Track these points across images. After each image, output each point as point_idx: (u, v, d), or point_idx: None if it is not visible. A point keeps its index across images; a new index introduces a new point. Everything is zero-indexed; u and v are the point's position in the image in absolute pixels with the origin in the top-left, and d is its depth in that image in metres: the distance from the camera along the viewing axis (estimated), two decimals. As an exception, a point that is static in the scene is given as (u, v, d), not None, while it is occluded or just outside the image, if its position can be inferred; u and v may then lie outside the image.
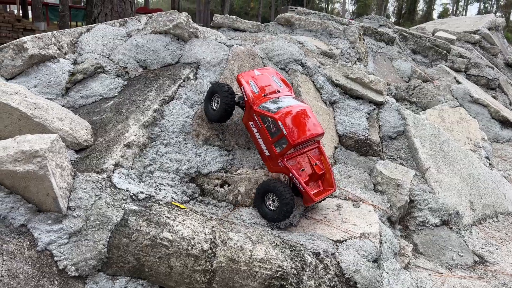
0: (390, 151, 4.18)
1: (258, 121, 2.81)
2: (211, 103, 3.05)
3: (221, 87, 2.93)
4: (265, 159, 2.90)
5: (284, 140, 2.68)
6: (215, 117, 3.00)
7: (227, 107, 2.90)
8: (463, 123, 5.17)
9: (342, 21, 7.22)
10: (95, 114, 3.06)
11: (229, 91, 2.91)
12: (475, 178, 4.27)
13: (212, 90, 3.03)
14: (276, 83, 3.06)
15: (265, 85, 2.97)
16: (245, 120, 2.93)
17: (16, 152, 2.02)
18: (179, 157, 2.88)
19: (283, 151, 2.71)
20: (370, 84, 4.30)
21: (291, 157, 2.79)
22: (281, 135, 2.68)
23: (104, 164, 2.48)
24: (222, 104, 2.90)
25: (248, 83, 2.91)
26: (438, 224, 3.70)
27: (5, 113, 2.43)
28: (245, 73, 3.02)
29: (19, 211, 2.09)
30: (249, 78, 2.96)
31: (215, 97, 3.01)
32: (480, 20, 11.78)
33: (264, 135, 2.80)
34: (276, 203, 2.74)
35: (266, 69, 3.16)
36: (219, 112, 2.95)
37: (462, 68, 7.95)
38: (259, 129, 2.82)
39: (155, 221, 2.27)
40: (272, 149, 2.76)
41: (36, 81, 3.17)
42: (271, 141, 2.76)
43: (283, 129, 2.66)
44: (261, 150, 2.89)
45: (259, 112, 2.79)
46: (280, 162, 2.77)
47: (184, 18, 3.56)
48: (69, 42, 3.52)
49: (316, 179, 2.90)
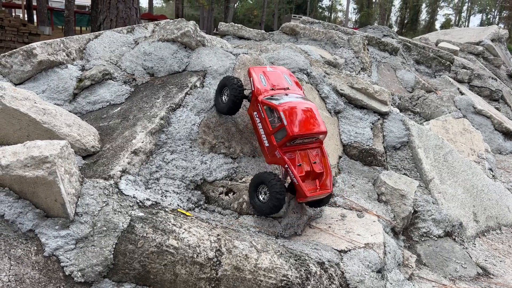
0: (394, 161, 4.19)
1: (262, 111, 2.84)
2: (221, 96, 3.10)
3: (231, 79, 2.99)
4: (264, 150, 2.91)
5: (284, 130, 2.68)
6: (224, 109, 3.06)
7: (236, 98, 2.95)
8: (467, 134, 5.19)
9: (347, 31, 7.27)
10: (102, 121, 3.09)
11: (238, 83, 2.97)
12: (478, 189, 4.27)
13: (222, 83, 3.09)
14: (287, 81, 3.08)
15: (275, 81, 3.01)
16: (250, 110, 2.97)
17: (26, 157, 2.03)
18: (185, 165, 2.89)
19: (281, 142, 2.71)
20: (375, 94, 4.33)
21: (290, 150, 2.77)
22: (281, 125, 2.69)
23: (111, 170, 2.49)
24: (231, 96, 2.96)
25: (258, 76, 2.97)
26: (441, 235, 3.70)
27: (14, 118, 2.46)
28: (257, 67, 3.08)
29: (27, 216, 2.11)
30: (260, 72, 3.01)
31: (225, 90, 3.07)
32: (483, 32, 11.83)
33: (265, 125, 2.82)
34: (267, 196, 2.70)
35: (279, 68, 3.20)
36: (228, 104, 3.01)
37: (465, 79, 7.98)
38: (262, 119, 2.85)
39: (161, 228, 2.28)
40: (272, 139, 2.77)
41: (44, 86, 3.20)
42: (271, 131, 2.78)
43: (284, 119, 2.67)
44: (261, 140, 2.91)
45: (263, 102, 2.82)
46: (277, 153, 2.76)
47: (191, 27, 3.60)
48: (77, 48, 3.55)
49: (314, 178, 2.84)
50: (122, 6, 10.57)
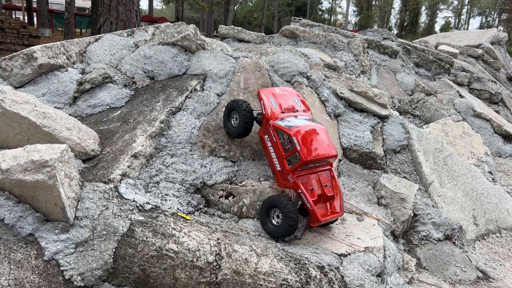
0: (394, 164, 4.19)
1: (274, 135, 2.85)
2: (230, 120, 3.12)
3: (239, 105, 3.01)
4: (276, 173, 2.91)
5: (297, 156, 2.71)
6: (235, 133, 3.08)
7: (246, 124, 2.98)
8: (466, 137, 5.19)
9: (346, 34, 7.28)
10: (102, 124, 3.09)
11: (247, 109, 2.98)
12: (478, 193, 4.28)
13: (230, 107, 3.09)
14: (296, 102, 3.11)
15: (284, 103, 3.02)
16: (261, 133, 2.99)
17: (26, 161, 2.04)
18: (185, 168, 2.90)
19: (294, 167, 2.73)
20: (375, 98, 4.33)
21: (302, 174, 2.79)
22: (294, 150, 2.71)
23: (111, 174, 2.49)
24: (241, 122, 2.98)
25: (268, 99, 2.98)
26: (441, 238, 3.70)
27: (14, 122, 2.46)
28: (266, 90, 3.10)
29: (27, 220, 2.11)
30: (270, 95, 3.03)
31: (233, 114, 3.08)
32: (482, 35, 11.85)
33: (277, 149, 2.84)
34: (280, 219, 2.73)
35: (287, 89, 3.24)
36: (239, 129, 3.03)
37: (465, 82, 7.99)
38: (274, 143, 2.87)
39: (161, 232, 2.28)
40: (284, 164, 2.79)
41: (44, 90, 3.20)
42: (283, 156, 2.79)
43: (297, 145, 2.69)
44: (272, 164, 2.91)
45: (275, 126, 2.84)
46: (290, 178, 2.77)
47: (192, 30, 3.61)
48: (77, 51, 3.56)
49: (325, 201, 2.87)
50: (122, 8, 10.58)
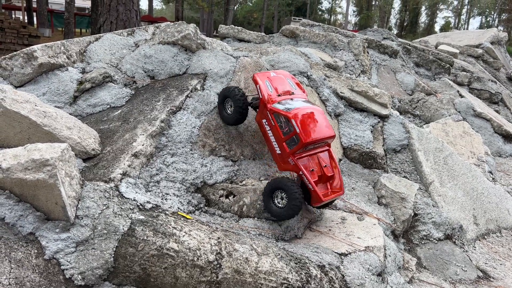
0: (394, 164, 4.19)
1: (272, 119, 2.85)
2: (224, 108, 3.12)
3: (232, 91, 3.01)
4: (276, 157, 2.92)
5: (296, 138, 2.71)
6: (231, 121, 3.09)
7: (241, 109, 2.98)
8: (467, 137, 5.19)
9: (346, 34, 7.28)
10: (103, 123, 3.09)
11: (240, 93, 2.98)
12: (478, 192, 4.28)
13: (223, 94, 3.10)
14: (291, 85, 3.11)
15: (280, 86, 3.03)
16: (258, 118, 2.98)
17: (26, 160, 2.03)
18: (186, 167, 2.89)
19: (294, 149, 2.74)
20: (375, 97, 4.33)
21: (302, 156, 2.80)
22: (293, 133, 2.72)
23: (112, 173, 2.49)
24: (236, 108, 2.98)
25: (264, 83, 2.98)
26: (441, 238, 3.70)
27: (15, 121, 2.46)
28: (261, 73, 3.09)
29: (27, 219, 2.11)
30: (265, 78, 3.02)
31: (228, 101, 3.08)
32: (482, 34, 11.85)
33: (276, 133, 2.84)
34: (284, 200, 2.72)
35: (282, 72, 3.22)
36: (234, 116, 3.04)
37: (465, 81, 7.99)
38: (272, 127, 2.86)
39: (162, 231, 2.28)
40: (284, 147, 2.79)
41: (44, 89, 3.20)
42: (283, 139, 2.79)
43: (296, 127, 2.70)
44: (272, 148, 2.92)
45: (273, 110, 2.83)
46: (290, 160, 2.78)
47: (192, 30, 3.60)
48: (77, 51, 3.56)
49: (325, 181, 2.89)
50: (122, 8, 10.58)
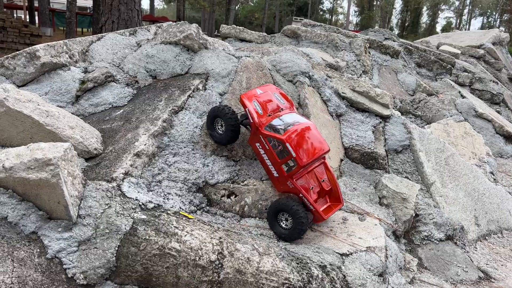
0: (396, 164, 4.19)
1: (265, 143, 2.80)
2: (215, 128, 3.04)
3: (222, 110, 2.93)
4: (273, 179, 2.90)
5: (293, 161, 2.69)
6: (223, 140, 3.02)
7: (233, 128, 2.92)
8: (468, 137, 5.19)
9: (348, 34, 7.28)
10: (105, 123, 3.09)
11: (230, 112, 2.91)
12: (480, 193, 4.27)
13: (213, 114, 3.01)
14: (279, 100, 3.05)
15: (268, 104, 2.96)
16: (251, 142, 2.92)
17: (29, 159, 2.04)
18: (187, 167, 2.90)
19: (292, 172, 2.72)
20: (377, 98, 4.33)
21: (299, 176, 2.79)
22: (289, 157, 2.69)
23: (114, 172, 2.50)
24: (228, 127, 2.92)
25: (252, 104, 2.90)
26: (443, 238, 3.70)
27: (18, 120, 2.46)
28: (247, 94, 3.01)
29: (30, 218, 2.11)
30: (253, 99, 2.95)
31: (218, 121, 3.01)
32: (484, 35, 11.84)
33: (272, 156, 2.79)
34: (289, 222, 2.73)
35: (268, 87, 3.15)
36: (226, 136, 2.97)
37: (467, 82, 7.99)
38: (266, 150, 2.82)
39: (164, 230, 2.29)
40: (281, 170, 2.76)
41: (47, 88, 3.21)
42: (279, 162, 2.76)
43: (292, 151, 2.67)
44: (269, 170, 2.88)
45: (265, 134, 2.78)
46: (289, 183, 2.77)
47: (194, 30, 3.61)
48: (80, 50, 3.56)
49: (324, 195, 2.91)
50: (124, 8, 10.59)
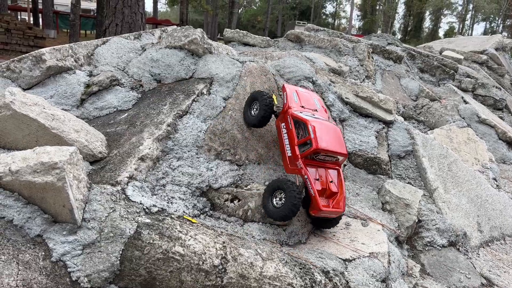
0: (399, 170, 4.19)
1: (290, 123, 2.98)
2: (250, 110, 3.27)
3: (262, 94, 3.18)
4: (285, 159, 3.01)
5: (309, 143, 2.80)
6: (253, 122, 3.22)
7: (265, 113, 3.11)
8: (471, 143, 5.19)
9: (351, 39, 7.30)
10: (110, 126, 3.11)
11: (268, 101, 3.12)
12: (482, 199, 4.27)
13: (252, 97, 3.28)
14: (316, 104, 3.26)
15: (306, 101, 3.19)
16: (278, 122, 3.14)
17: (35, 163, 2.05)
18: (191, 171, 2.91)
19: (305, 153, 2.82)
20: (380, 103, 4.34)
21: (311, 164, 2.88)
22: (307, 138, 2.82)
23: (119, 176, 2.51)
24: (261, 112, 3.12)
25: (291, 93, 3.16)
26: (445, 245, 3.70)
27: (24, 123, 2.48)
28: (291, 85, 3.31)
29: (35, 222, 2.12)
30: (293, 90, 3.21)
31: (255, 103, 3.24)
32: (487, 41, 11.85)
33: (291, 136, 2.96)
34: (282, 200, 2.73)
35: (310, 91, 3.43)
36: (257, 117, 3.17)
37: (469, 88, 7.99)
38: (289, 130, 2.99)
39: (168, 235, 2.29)
40: (295, 150, 2.90)
41: (52, 91, 3.23)
42: (296, 143, 2.90)
43: (311, 132, 2.80)
44: (283, 150, 3.03)
45: (293, 115, 2.98)
46: (299, 163, 2.85)
47: (199, 34, 3.63)
48: (85, 54, 3.59)
49: (328, 197, 2.91)
50: (128, 11, 10.65)
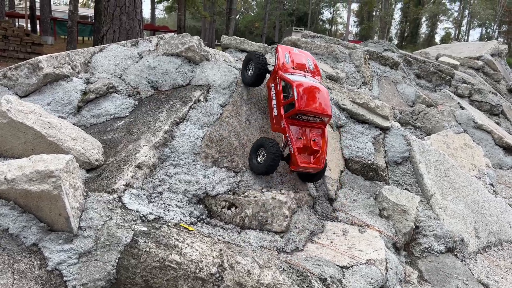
0: (396, 176, 4.19)
1: (279, 84, 3.14)
2: (246, 70, 3.45)
3: (255, 54, 3.34)
4: (272, 118, 3.20)
5: (293, 104, 2.96)
6: (249, 81, 3.41)
7: (259, 72, 3.29)
8: (468, 149, 5.20)
9: (348, 45, 7.33)
10: (106, 134, 3.11)
11: (262, 58, 3.29)
12: (479, 205, 4.28)
13: (248, 58, 3.43)
14: (308, 64, 3.37)
15: (298, 62, 3.31)
16: (269, 82, 3.28)
17: (31, 171, 2.05)
18: (188, 178, 2.90)
19: (288, 113, 3.00)
20: (376, 109, 4.36)
21: (295, 123, 3.05)
22: (292, 99, 2.97)
23: (115, 184, 2.50)
24: (256, 69, 3.30)
25: (284, 54, 3.28)
26: (443, 251, 3.69)
27: (20, 131, 2.48)
28: (284, 46, 3.43)
29: (31, 230, 2.11)
30: (286, 51, 3.33)
31: (250, 64, 3.41)
32: (483, 46, 11.93)
33: (278, 97, 3.12)
34: (263, 157, 3.02)
35: (304, 52, 3.52)
36: (252, 77, 3.36)
37: (466, 93, 8.03)
38: (277, 91, 3.15)
39: (164, 243, 2.29)
40: (281, 110, 3.07)
41: (49, 99, 3.23)
42: (282, 103, 3.07)
43: (295, 94, 2.94)
44: (271, 109, 3.20)
45: (282, 77, 3.12)
46: (282, 122, 3.04)
47: (196, 42, 3.64)
48: (82, 61, 3.59)
49: (310, 154, 3.08)
50: (125, 17, 10.68)
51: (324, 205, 3.54)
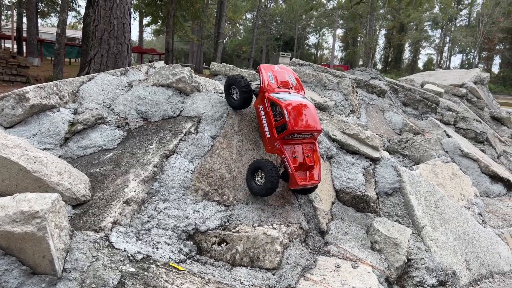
0: (386, 207, 4.17)
1: (267, 106, 3.19)
2: (230, 96, 3.51)
3: (236, 79, 3.39)
4: (265, 140, 3.26)
5: (285, 125, 3.04)
6: (237, 105, 3.48)
7: (246, 95, 3.36)
8: (456, 179, 5.23)
9: (336, 73, 7.42)
10: (94, 167, 3.02)
11: (244, 81, 3.35)
12: (470, 236, 4.27)
13: (228, 83, 3.48)
14: (291, 81, 3.43)
15: (281, 79, 3.37)
16: (256, 103, 3.34)
17: (15, 212, 1.96)
18: (178, 213, 2.83)
19: (282, 135, 3.07)
20: (366, 140, 4.36)
21: (288, 143, 3.12)
22: (283, 120, 3.05)
23: (102, 222, 2.42)
24: (241, 94, 3.37)
25: (267, 74, 3.34)
26: (435, 284, 3.64)
27: (4, 167, 2.39)
28: (266, 65, 3.48)
29: (12, 274, 2.00)
30: (269, 70, 3.39)
31: (233, 89, 3.47)
32: (466, 74, 12.22)
33: (269, 118, 3.18)
34: (263, 179, 3.06)
35: (285, 68, 3.58)
36: (239, 101, 3.43)
37: (451, 121, 8.16)
38: (266, 112, 3.21)
39: (153, 285, 2.19)
40: (273, 131, 3.13)
41: (35, 130, 3.14)
42: (274, 125, 3.13)
43: (286, 115, 3.01)
44: (263, 131, 3.25)
45: (270, 98, 3.17)
46: (277, 144, 3.11)
47: (187, 73, 3.62)
48: (70, 91, 3.53)
49: (305, 170, 3.17)
50: (114, 42, 10.67)
51: (316, 238, 3.48)
